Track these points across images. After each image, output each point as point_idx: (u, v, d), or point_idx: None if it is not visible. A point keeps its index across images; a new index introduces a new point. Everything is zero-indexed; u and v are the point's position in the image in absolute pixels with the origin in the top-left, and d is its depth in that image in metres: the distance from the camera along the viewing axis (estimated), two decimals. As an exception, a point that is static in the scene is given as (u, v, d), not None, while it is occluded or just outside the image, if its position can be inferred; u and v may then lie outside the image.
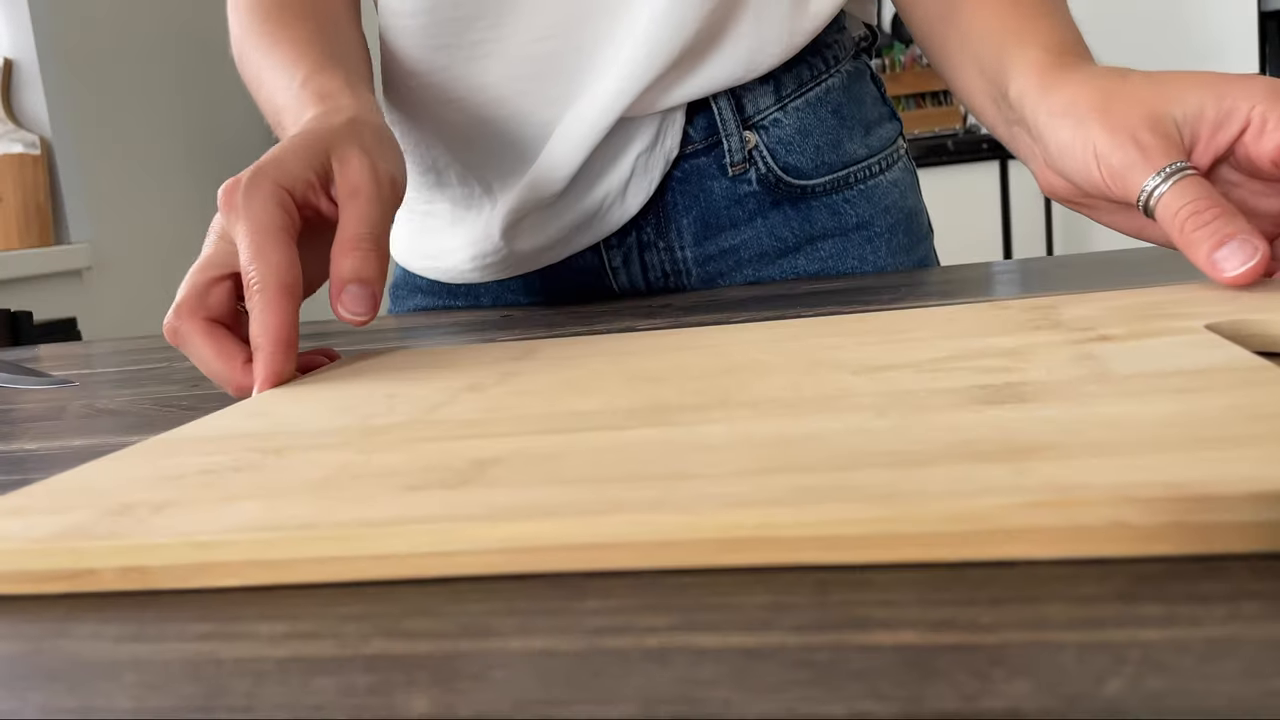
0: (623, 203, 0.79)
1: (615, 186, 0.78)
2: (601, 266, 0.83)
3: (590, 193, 0.79)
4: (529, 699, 0.20)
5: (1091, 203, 0.57)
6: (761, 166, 0.79)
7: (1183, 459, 0.25)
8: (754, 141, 0.79)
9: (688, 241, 0.81)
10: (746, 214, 0.81)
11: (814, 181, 0.80)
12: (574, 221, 0.80)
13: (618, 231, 0.81)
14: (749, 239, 0.81)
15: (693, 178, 0.80)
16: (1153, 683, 0.18)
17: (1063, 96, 0.56)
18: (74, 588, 0.28)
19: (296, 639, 0.23)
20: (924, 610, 0.22)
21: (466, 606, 0.24)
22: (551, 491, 0.28)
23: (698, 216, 0.81)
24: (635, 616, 0.23)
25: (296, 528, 0.27)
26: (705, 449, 0.30)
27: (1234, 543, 0.23)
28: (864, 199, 0.82)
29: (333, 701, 0.20)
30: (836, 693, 0.19)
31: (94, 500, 0.32)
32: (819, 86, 0.80)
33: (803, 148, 0.80)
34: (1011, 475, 0.25)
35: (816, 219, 0.81)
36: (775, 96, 0.79)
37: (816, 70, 0.80)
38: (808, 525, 0.24)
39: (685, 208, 0.80)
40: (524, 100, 0.77)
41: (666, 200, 0.80)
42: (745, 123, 0.79)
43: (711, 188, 0.80)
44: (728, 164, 0.79)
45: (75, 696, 0.22)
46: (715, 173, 0.80)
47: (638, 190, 0.79)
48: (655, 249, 0.82)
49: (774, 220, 0.81)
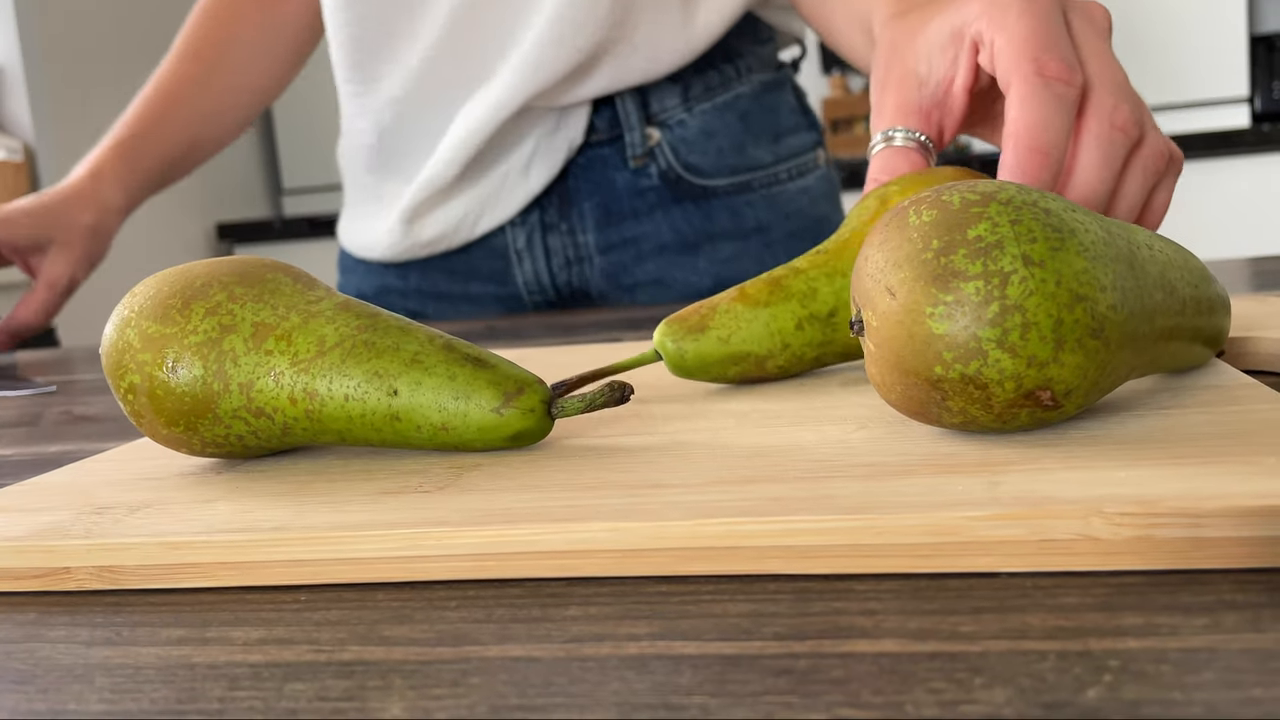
0: (525, 180, 0.83)
1: (517, 165, 0.82)
2: (506, 249, 0.86)
3: (491, 171, 0.82)
4: (505, 704, 0.20)
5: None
6: (663, 162, 0.83)
7: (1157, 474, 0.25)
8: (656, 138, 0.82)
9: (589, 226, 0.84)
10: (648, 206, 0.84)
11: (715, 182, 0.84)
12: (477, 200, 0.83)
13: (521, 211, 0.84)
14: (649, 231, 0.84)
15: (595, 165, 0.83)
16: (1131, 691, 0.18)
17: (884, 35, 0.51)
18: (48, 586, 0.27)
19: (271, 644, 0.23)
20: (904, 619, 0.22)
21: (444, 613, 0.24)
22: (524, 498, 0.28)
23: (599, 203, 0.84)
24: (615, 624, 0.23)
25: (269, 530, 0.27)
26: (683, 458, 0.30)
27: (1205, 559, 0.23)
28: (766, 203, 0.85)
29: (307, 706, 0.20)
30: (815, 700, 0.19)
31: (71, 501, 0.31)
32: (728, 93, 0.84)
33: (705, 148, 0.83)
34: (985, 488, 0.25)
35: (717, 218, 0.84)
36: (682, 97, 0.82)
37: (727, 76, 0.83)
38: (775, 534, 0.24)
39: (587, 193, 0.84)
40: (429, 86, 0.80)
41: (569, 185, 0.84)
42: (650, 119, 0.82)
43: (614, 177, 0.83)
44: (629, 157, 0.83)
45: (47, 700, 0.21)
46: (618, 163, 0.83)
47: (540, 169, 0.82)
48: (558, 231, 0.85)
49: (675, 216, 0.84)
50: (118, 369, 0.34)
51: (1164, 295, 0.31)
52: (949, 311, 0.28)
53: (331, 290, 0.35)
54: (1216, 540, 0.22)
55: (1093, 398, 0.29)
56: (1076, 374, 0.28)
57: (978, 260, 0.28)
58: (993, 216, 0.28)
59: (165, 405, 0.33)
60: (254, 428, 0.33)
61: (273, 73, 0.94)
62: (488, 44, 0.78)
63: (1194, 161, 2.13)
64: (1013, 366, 0.27)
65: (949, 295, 0.28)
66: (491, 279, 0.88)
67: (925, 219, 0.29)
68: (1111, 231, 0.30)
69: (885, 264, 0.29)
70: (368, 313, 0.34)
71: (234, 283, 0.34)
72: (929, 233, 0.28)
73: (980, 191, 0.29)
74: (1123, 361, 0.29)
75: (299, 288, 0.35)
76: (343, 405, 0.32)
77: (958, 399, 0.28)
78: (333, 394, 0.32)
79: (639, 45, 0.78)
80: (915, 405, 0.30)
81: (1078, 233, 0.28)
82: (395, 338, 0.33)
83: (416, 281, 0.90)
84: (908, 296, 0.28)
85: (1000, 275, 0.27)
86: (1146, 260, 0.30)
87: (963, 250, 0.28)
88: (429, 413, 0.32)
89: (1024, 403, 0.28)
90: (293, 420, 0.33)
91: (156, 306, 0.34)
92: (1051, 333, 0.27)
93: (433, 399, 0.32)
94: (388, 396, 0.32)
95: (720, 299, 0.41)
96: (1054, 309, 0.27)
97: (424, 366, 0.32)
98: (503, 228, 0.85)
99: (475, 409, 0.32)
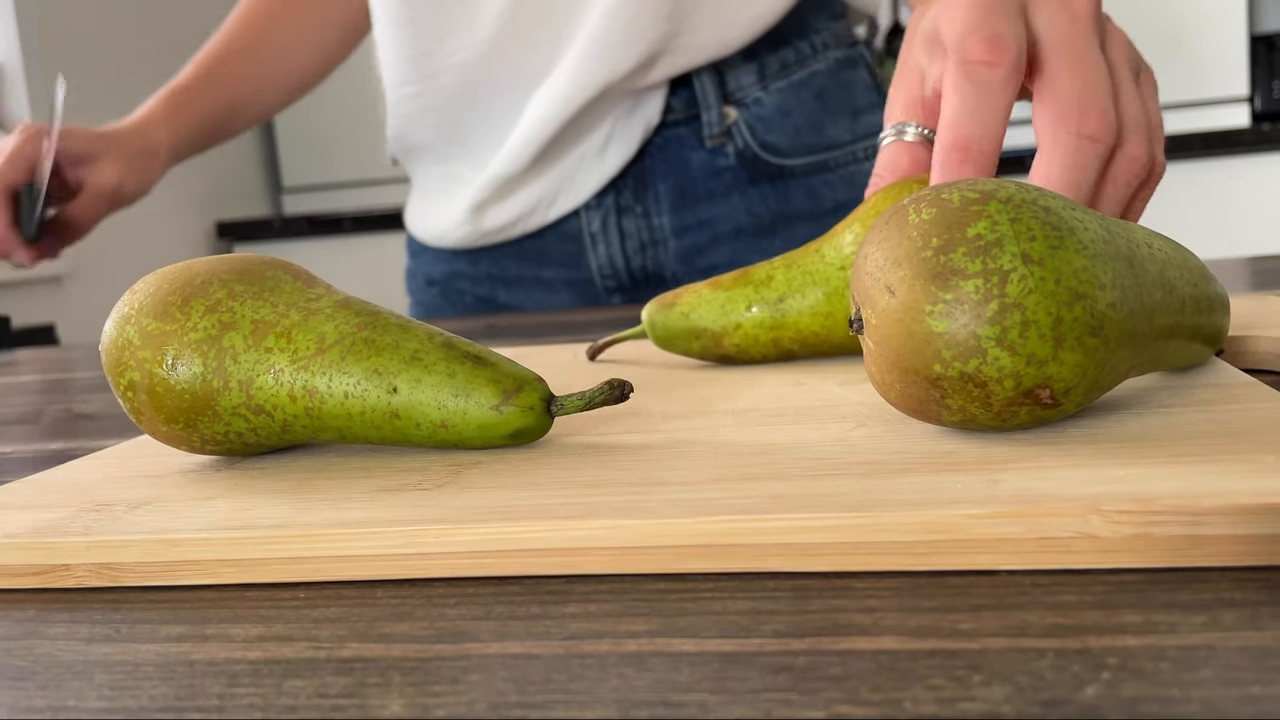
0: (601, 163, 0.82)
1: (593, 148, 0.81)
2: (580, 233, 0.85)
3: (566, 156, 0.81)
4: (505, 701, 0.20)
5: None
6: (740, 142, 0.81)
7: (1155, 472, 0.25)
8: (734, 116, 0.81)
9: (665, 209, 0.83)
10: (724, 187, 0.83)
11: (792, 161, 0.82)
12: (551, 185, 0.82)
13: (596, 194, 0.83)
14: (725, 213, 0.83)
15: (671, 146, 0.82)
16: (1130, 689, 0.18)
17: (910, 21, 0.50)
18: (48, 583, 0.28)
19: (270, 641, 0.23)
20: (904, 617, 0.22)
21: (444, 611, 0.24)
22: (524, 495, 0.28)
23: (675, 185, 0.83)
24: (615, 622, 0.23)
25: (268, 528, 0.27)
26: (683, 456, 0.30)
27: (1203, 556, 0.23)
28: (844, 183, 0.84)
29: (306, 704, 0.20)
30: (814, 697, 0.19)
31: (71, 498, 0.31)
32: (804, 70, 0.82)
33: (782, 127, 0.82)
34: (984, 486, 0.25)
35: (794, 199, 0.83)
36: (758, 75, 0.81)
37: (802, 54, 0.82)
38: (774, 532, 0.24)
39: (663, 174, 0.83)
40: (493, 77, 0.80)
41: (645, 166, 0.83)
42: (727, 98, 0.81)
43: (690, 158, 0.82)
44: (705, 136, 0.81)
45: (46, 696, 0.22)
46: (694, 143, 0.82)
47: (617, 151, 0.81)
48: (633, 214, 0.83)
49: (751, 197, 0.83)
50: (117, 366, 0.34)
51: (1163, 294, 0.31)
52: (948, 309, 0.28)
53: (331, 288, 0.35)
54: (1215, 538, 0.23)
55: (1092, 396, 0.29)
56: (1076, 372, 0.28)
57: (977, 258, 0.28)
58: (992, 214, 0.28)
59: (165, 402, 0.33)
60: (253, 425, 0.33)
61: (315, 60, 0.98)
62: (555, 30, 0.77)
63: (1194, 161, 2.12)
64: (1012, 364, 0.27)
65: (948, 293, 0.28)
66: (565, 263, 0.86)
67: (925, 217, 0.29)
68: (1111, 230, 0.30)
69: (884, 262, 0.29)
70: (367, 310, 0.34)
71: (234, 280, 0.34)
72: (928, 230, 0.28)
73: (980, 190, 0.29)
74: (1122, 360, 0.29)
75: (299, 285, 0.35)
76: (342, 403, 0.32)
77: (957, 397, 0.28)
78: (332, 391, 0.32)
79: (708, 19, 0.76)
80: (914, 403, 0.30)
81: (1077, 231, 0.28)
82: (395, 335, 0.33)
83: (487, 267, 0.89)
84: (907, 294, 0.28)
85: (1000, 273, 0.27)
86: (1146, 259, 0.30)
87: (962, 248, 0.28)
88: (428, 410, 0.32)
89: (1023, 401, 0.28)
90: (292, 417, 0.33)
91: (156, 304, 0.34)
92: (1051, 331, 0.27)
93: (432, 396, 0.32)
94: (387, 394, 0.32)
95: (700, 284, 0.45)
96: (1053, 307, 0.27)
97: (423, 364, 0.32)
98: (576, 211, 0.84)
99: (475, 406, 0.32)
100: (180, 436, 0.34)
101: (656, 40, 0.75)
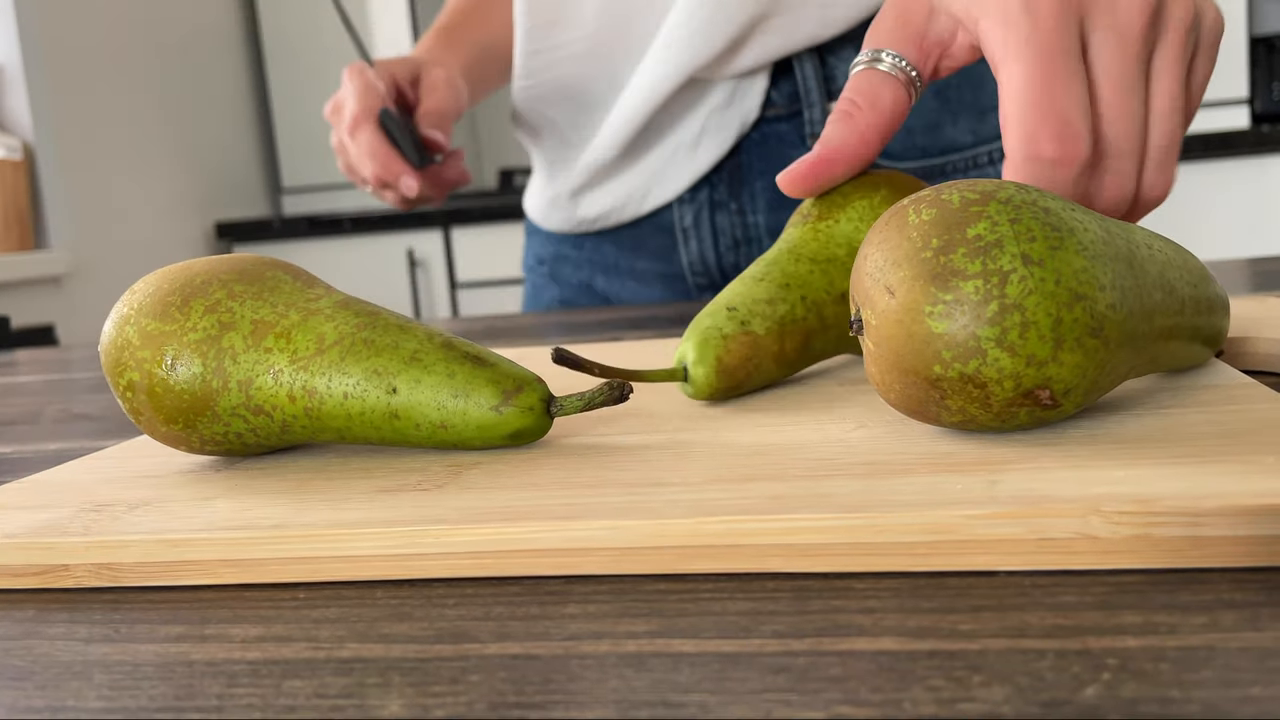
0: (693, 157, 0.79)
1: (686, 141, 0.78)
2: (673, 225, 0.82)
3: (657, 147, 0.79)
4: (504, 702, 0.20)
5: None
6: None
7: (1155, 473, 0.25)
8: None
9: (760, 207, 0.79)
10: None
11: (903, 165, 0.77)
12: (643, 176, 0.81)
13: (690, 188, 0.80)
14: None
15: (771, 142, 0.78)
16: (1129, 689, 0.18)
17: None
18: (47, 583, 0.28)
19: (270, 641, 0.23)
20: (904, 617, 0.22)
21: (443, 611, 0.24)
22: (523, 496, 0.28)
23: (772, 183, 0.78)
24: (614, 622, 0.23)
25: (268, 528, 0.27)
26: (682, 457, 0.30)
27: (1203, 557, 0.23)
28: None
29: (305, 704, 0.20)
30: (814, 697, 0.19)
31: (70, 498, 0.31)
32: None
33: None
34: (984, 487, 0.25)
35: None
36: None
37: None
38: (774, 533, 0.24)
39: (761, 171, 0.79)
40: (595, 61, 0.78)
41: (741, 161, 0.79)
42: (832, 95, 0.76)
43: (790, 156, 0.77)
44: (807, 135, 0.77)
45: (45, 696, 0.21)
46: (795, 140, 0.77)
47: (710, 146, 0.78)
48: (727, 210, 0.80)
49: None
50: (117, 366, 0.34)
51: (1163, 295, 0.31)
52: (948, 310, 0.28)
53: (330, 288, 0.35)
54: (1215, 539, 0.22)
55: (1091, 397, 0.29)
56: (1075, 373, 0.28)
57: (977, 259, 0.28)
58: (992, 215, 0.28)
59: (164, 403, 0.33)
60: (253, 425, 0.33)
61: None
62: (645, 18, 0.75)
63: (1194, 163, 2.13)
64: (1012, 365, 0.27)
65: (948, 294, 0.28)
66: (658, 256, 0.84)
67: (924, 217, 0.29)
68: (1111, 231, 0.30)
69: (884, 263, 0.29)
70: (367, 311, 0.34)
71: (233, 280, 0.34)
72: (928, 231, 0.28)
73: (980, 190, 0.29)
74: (1122, 361, 0.29)
75: (298, 285, 0.35)
76: (342, 403, 0.32)
77: (957, 398, 0.28)
78: (332, 392, 0.32)
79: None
80: (914, 404, 0.30)
81: (1077, 232, 0.28)
82: (394, 336, 0.33)
83: (589, 252, 0.88)
84: (907, 295, 0.28)
85: (999, 274, 0.27)
86: (1146, 259, 0.30)
87: (962, 249, 0.28)
88: (428, 411, 0.32)
89: (1023, 402, 0.28)
90: (292, 418, 0.33)
91: (156, 304, 0.34)
92: (1050, 332, 0.27)
93: (432, 397, 0.32)
94: (387, 394, 0.32)
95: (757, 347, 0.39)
96: (1053, 308, 0.27)
97: (423, 364, 0.32)
98: (670, 204, 0.82)
99: (474, 407, 0.32)
100: (180, 437, 0.34)
101: (745, 22, 0.71)
